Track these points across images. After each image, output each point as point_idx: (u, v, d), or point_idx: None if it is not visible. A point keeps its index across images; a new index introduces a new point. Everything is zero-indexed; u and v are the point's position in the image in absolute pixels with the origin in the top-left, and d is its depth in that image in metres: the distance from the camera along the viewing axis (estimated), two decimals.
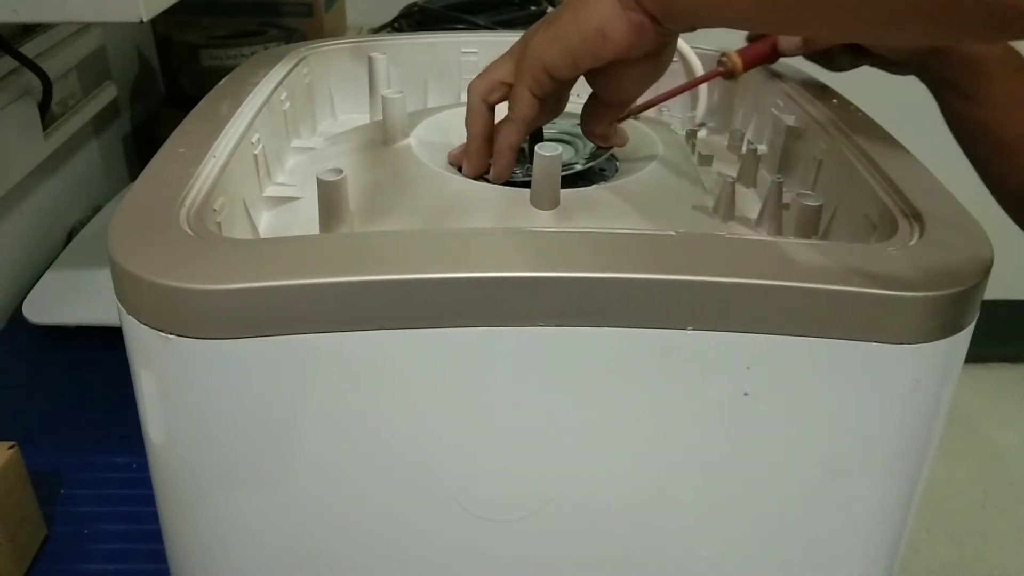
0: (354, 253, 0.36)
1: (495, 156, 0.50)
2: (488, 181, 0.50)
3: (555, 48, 0.45)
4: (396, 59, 0.66)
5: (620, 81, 0.48)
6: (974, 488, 1.63)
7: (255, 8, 1.10)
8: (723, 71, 0.56)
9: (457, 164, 0.52)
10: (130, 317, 0.36)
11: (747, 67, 0.56)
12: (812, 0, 0.35)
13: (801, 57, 0.59)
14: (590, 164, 0.52)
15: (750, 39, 0.59)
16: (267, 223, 0.51)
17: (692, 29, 0.44)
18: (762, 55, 0.57)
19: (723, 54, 0.56)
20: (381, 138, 0.55)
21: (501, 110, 0.50)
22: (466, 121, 0.51)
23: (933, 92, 0.59)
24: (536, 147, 0.45)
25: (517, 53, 0.48)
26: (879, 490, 0.40)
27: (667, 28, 0.43)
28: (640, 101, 0.54)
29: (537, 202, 0.46)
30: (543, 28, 0.46)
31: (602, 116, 0.51)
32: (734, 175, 0.53)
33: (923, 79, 0.59)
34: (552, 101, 0.51)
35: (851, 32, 0.44)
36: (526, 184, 0.47)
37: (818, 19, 0.36)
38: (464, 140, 0.51)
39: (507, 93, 0.49)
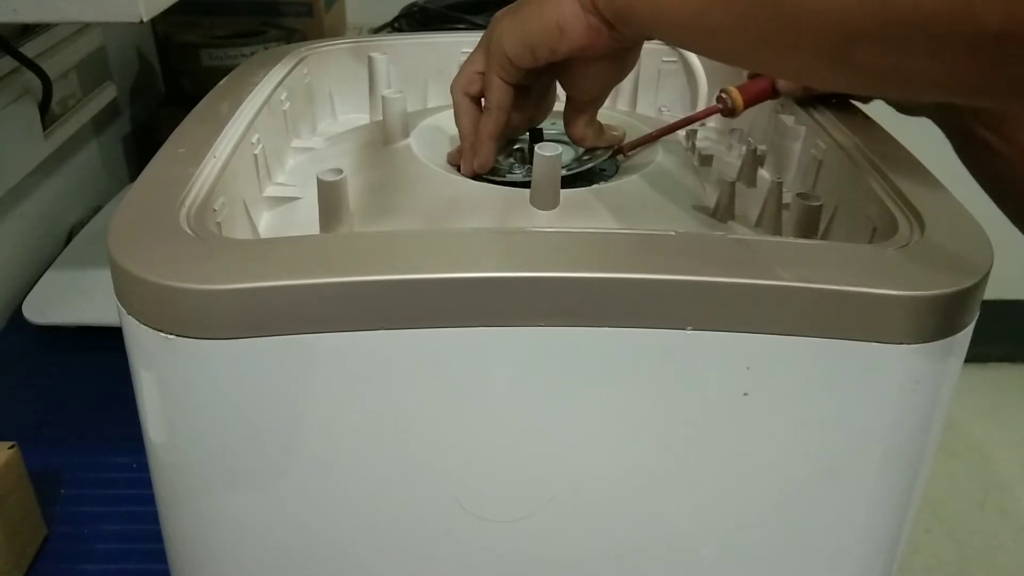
0: (354, 253, 0.36)
1: (476, 146, 0.50)
2: (489, 180, 0.50)
3: (516, 36, 0.47)
4: (396, 59, 0.66)
5: (581, 79, 0.49)
6: (974, 488, 1.63)
7: (255, 8, 1.10)
8: (722, 108, 0.55)
9: (456, 164, 0.52)
10: (130, 317, 0.36)
11: (748, 104, 0.55)
12: (745, 40, 0.36)
13: None
14: (590, 164, 0.52)
15: (751, 75, 0.58)
16: (267, 223, 0.51)
17: (648, 40, 0.45)
18: (762, 92, 0.56)
19: (723, 90, 0.55)
20: (381, 138, 0.55)
21: None
22: (455, 120, 0.51)
23: (947, 134, 0.57)
24: (536, 147, 0.45)
25: (485, 40, 0.50)
26: (878, 490, 0.40)
27: (623, 36, 0.44)
28: (624, 135, 0.55)
29: (537, 202, 0.46)
30: (508, 15, 0.48)
31: (574, 117, 0.52)
32: (734, 175, 0.53)
33: (936, 122, 0.56)
34: (536, 95, 0.52)
35: (778, 71, 0.46)
36: (526, 184, 0.47)
37: (749, 57, 0.39)
38: None
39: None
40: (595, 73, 0.48)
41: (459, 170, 0.51)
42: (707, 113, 0.56)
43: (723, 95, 0.55)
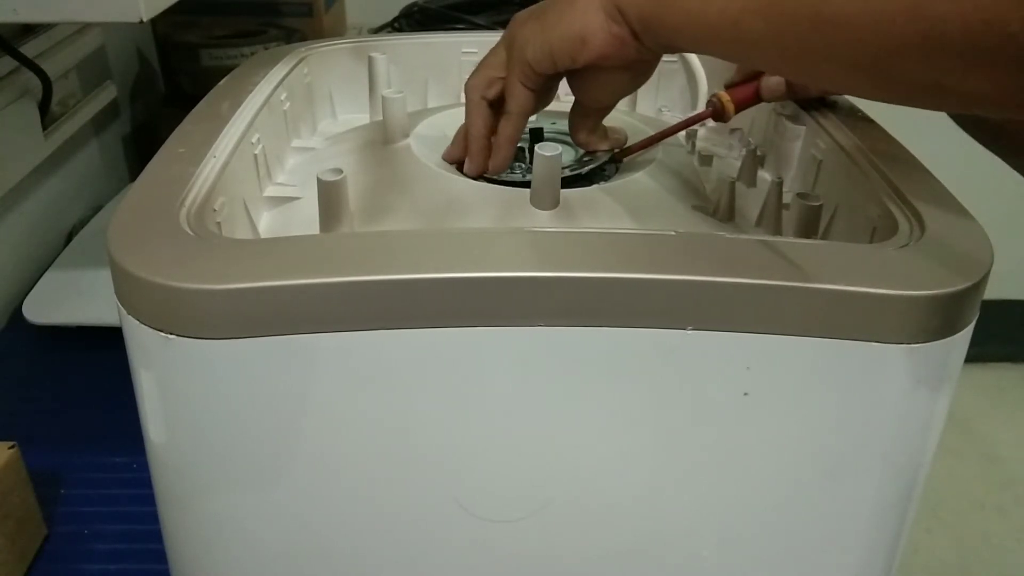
0: (354, 253, 0.36)
1: (495, 149, 0.50)
2: (489, 180, 0.50)
3: (536, 43, 0.46)
4: (396, 59, 0.66)
5: (595, 87, 0.49)
6: (974, 488, 1.63)
7: (255, 8, 1.10)
8: (712, 112, 0.54)
9: (451, 161, 0.52)
10: (130, 317, 0.36)
11: (739, 108, 0.54)
12: (782, 49, 0.36)
13: None
14: (591, 166, 0.52)
15: (728, 86, 0.56)
16: (267, 223, 0.51)
17: (671, 51, 0.45)
18: (755, 95, 0.55)
19: (714, 95, 0.54)
20: (381, 138, 0.55)
21: None
22: (467, 119, 0.51)
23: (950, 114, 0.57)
24: (536, 147, 0.45)
25: (506, 43, 0.49)
26: (878, 490, 0.40)
27: (647, 47, 0.44)
28: (632, 139, 0.55)
29: (537, 202, 0.46)
30: (531, 19, 0.47)
31: (580, 122, 0.52)
32: (734, 175, 0.53)
33: None
34: (539, 95, 0.52)
35: (814, 80, 0.45)
36: (526, 184, 0.47)
37: (785, 66, 0.38)
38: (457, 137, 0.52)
39: (503, 88, 0.50)
40: (610, 82, 0.48)
41: (456, 167, 0.52)
42: (699, 118, 0.55)
43: (713, 99, 0.54)
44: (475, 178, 0.50)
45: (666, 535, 0.41)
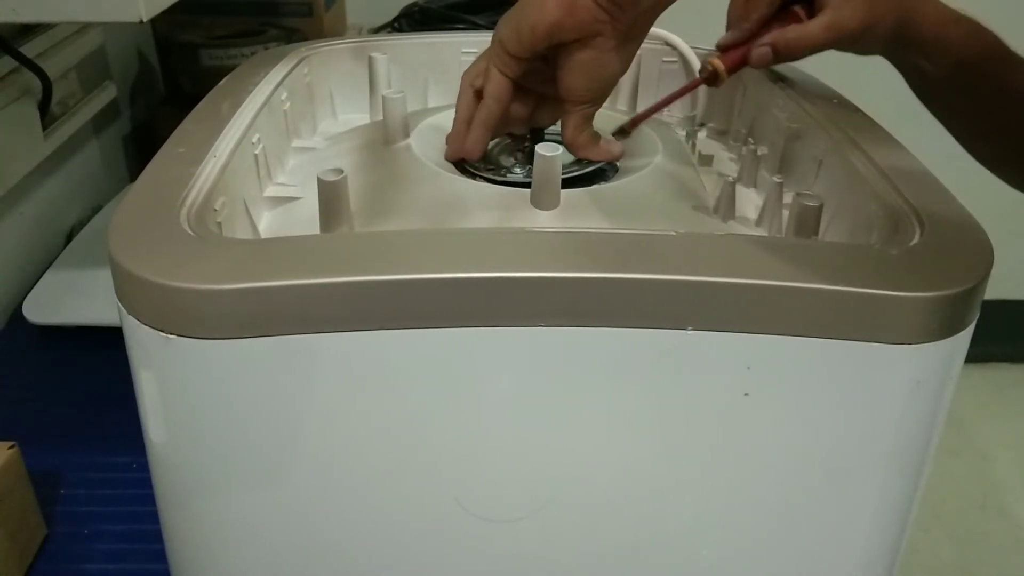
0: (354, 253, 0.36)
1: (469, 130, 0.52)
2: (489, 180, 0.50)
3: (504, 22, 0.49)
4: (396, 59, 0.66)
5: (568, 74, 0.50)
6: (974, 488, 1.63)
7: (255, 8, 1.10)
8: (706, 78, 0.54)
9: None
10: (130, 317, 0.36)
11: (731, 72, 0.54)
12: None
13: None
14: (591, 167, 0.52)
15: (721, 47, 0.56)
16: (267, 223, 0.51)
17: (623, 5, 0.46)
18: (743, 60, 0.55)
19: (707, 61, 0.54)
20: (381, 138, 0.55)
21: None
22: (455, 106, 0.53)
23: (898, 68, 0.58)
24: (536, 147, 0.45)
25: (494, 36, 0.51)
26: (879, 490, 0.40)
27: (600, 4, 0.46)
28: (635, 110, 0.55)
29: (537, 202, 0.46)
30: (510, 10, 0.50)
31: (565, 119, 0.52)
32: (734, 175, 0.53)
33: (888, 59, 0.58)
34: (540, 99, 0.53)
35: None
36: (526, 184, 0.47)
37: None
38: None
39: None
40: (581, 66, 0.49)
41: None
42: (693, 85, 0.56)
43: (707, 65, 0.54)
44: (475, 178, 0.51)
45: (666, 535, 0.41)
